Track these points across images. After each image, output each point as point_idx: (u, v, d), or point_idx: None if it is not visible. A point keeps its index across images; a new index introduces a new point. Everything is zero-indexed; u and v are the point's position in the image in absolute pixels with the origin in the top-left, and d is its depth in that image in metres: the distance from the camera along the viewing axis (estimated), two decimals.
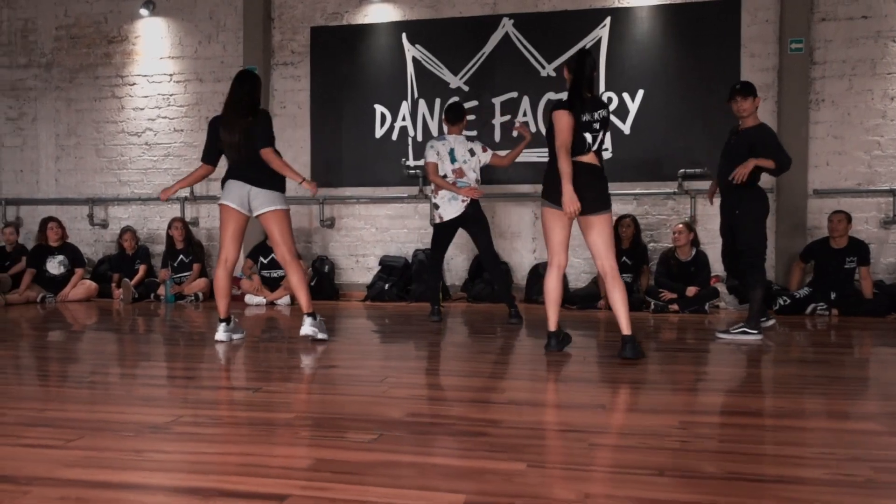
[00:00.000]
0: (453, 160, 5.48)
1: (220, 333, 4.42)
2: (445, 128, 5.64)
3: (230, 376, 3.56)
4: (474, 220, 5.47)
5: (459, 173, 5.43)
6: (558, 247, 4.03)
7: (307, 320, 4.43)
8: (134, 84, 8.41)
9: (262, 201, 4.36)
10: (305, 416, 2.62)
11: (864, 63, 6.68)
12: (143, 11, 8.22)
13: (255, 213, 4.38)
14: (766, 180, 5.04)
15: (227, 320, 4.45)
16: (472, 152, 5.50)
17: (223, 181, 4.51)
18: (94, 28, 8.48)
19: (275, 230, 4.40)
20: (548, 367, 3.67)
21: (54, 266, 7.40)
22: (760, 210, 4.68)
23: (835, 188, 6.69)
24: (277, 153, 4.37)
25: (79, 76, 8.51)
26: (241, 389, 3.16)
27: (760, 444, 2.29)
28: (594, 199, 3.91)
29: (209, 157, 4.50)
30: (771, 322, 4.99)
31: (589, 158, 3.94)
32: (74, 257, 7.53)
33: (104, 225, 8.45)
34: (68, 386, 3.23)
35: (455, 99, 7.37)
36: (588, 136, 3.90)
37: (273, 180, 4.39)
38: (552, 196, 3.96)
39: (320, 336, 4.43)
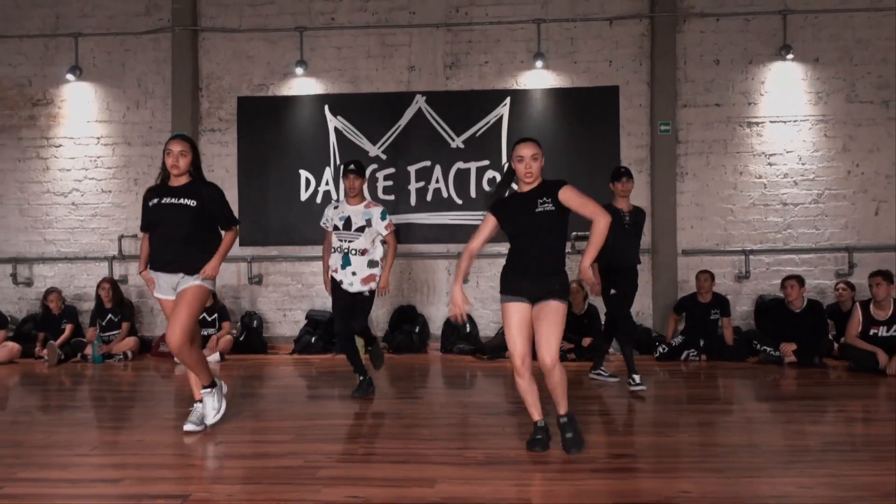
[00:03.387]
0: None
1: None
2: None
3: (156, 476, 3.08)
4: None
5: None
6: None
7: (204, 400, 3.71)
8: (60, 146, 7.61)
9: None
10: None
11: (718, 143, 7.01)
12: (70, 76, 7.48)
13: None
14: (644, 242, 5.67)
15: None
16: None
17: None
18: (17, 90, 7.61)
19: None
20: (473, 444, 3.44)
21: None
22: None
23: (698, 248, 6.94)
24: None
25: (1, 137, 7.61)
26: (167, 498, 2.72)
27: None
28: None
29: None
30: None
31: None
32: None
33: (28, 283, 7.54)
34: None
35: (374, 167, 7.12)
36: None
37: None
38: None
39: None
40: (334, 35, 7.32)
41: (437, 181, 7.23)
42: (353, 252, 4.45)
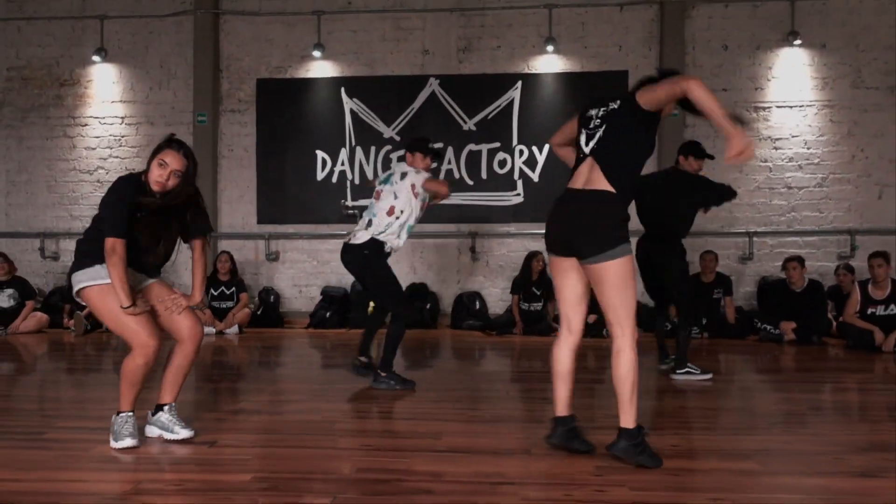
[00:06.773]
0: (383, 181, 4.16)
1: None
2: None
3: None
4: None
5: (376, 196, 4.08)
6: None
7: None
8: (86, 125, 7.84)
9: None
10: (261, 478, 2.46)
11: None
12: (96, 57, 7.70)
13: None
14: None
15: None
16: (402, 175, 4.03)
17: None
18: (45, 71, 7.85)
19: None
20: (478, 405, 3.63)
21: (3, 299, 6.75)
22: None
23: (703, 230, 7.04)
24: None
25: (30, 116, 7.86)
26: (196, 445, 2.93)
27: (664, 491, 2.33)
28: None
29: None
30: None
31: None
32: (24, 290, 6.91)
33: (55, 257, 7.81)
34: (16, 446, 2.89)
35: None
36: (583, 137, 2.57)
37: None
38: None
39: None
40: (350, 19, 7.45)
41: (450, 162, 7.37)
42: None
